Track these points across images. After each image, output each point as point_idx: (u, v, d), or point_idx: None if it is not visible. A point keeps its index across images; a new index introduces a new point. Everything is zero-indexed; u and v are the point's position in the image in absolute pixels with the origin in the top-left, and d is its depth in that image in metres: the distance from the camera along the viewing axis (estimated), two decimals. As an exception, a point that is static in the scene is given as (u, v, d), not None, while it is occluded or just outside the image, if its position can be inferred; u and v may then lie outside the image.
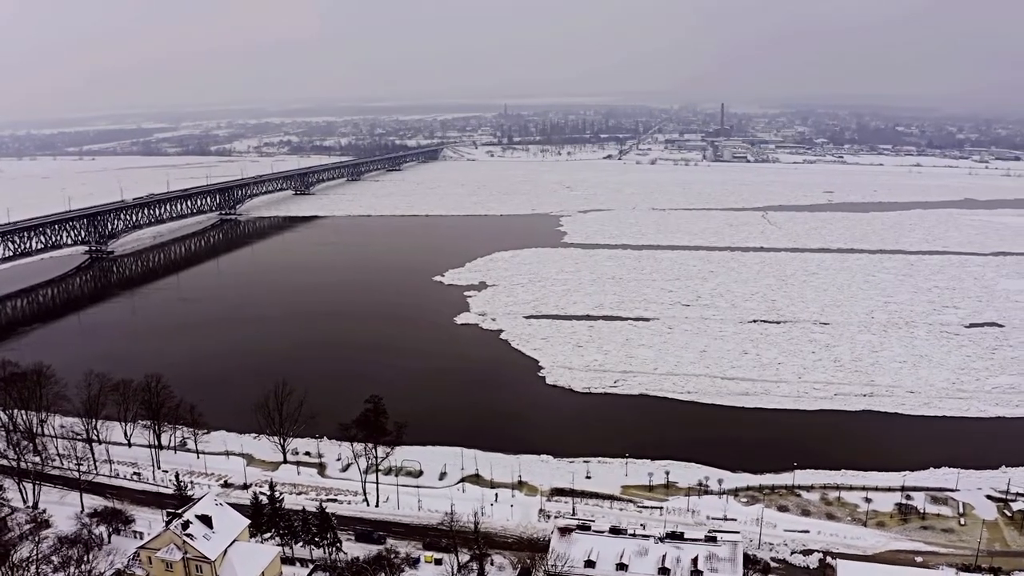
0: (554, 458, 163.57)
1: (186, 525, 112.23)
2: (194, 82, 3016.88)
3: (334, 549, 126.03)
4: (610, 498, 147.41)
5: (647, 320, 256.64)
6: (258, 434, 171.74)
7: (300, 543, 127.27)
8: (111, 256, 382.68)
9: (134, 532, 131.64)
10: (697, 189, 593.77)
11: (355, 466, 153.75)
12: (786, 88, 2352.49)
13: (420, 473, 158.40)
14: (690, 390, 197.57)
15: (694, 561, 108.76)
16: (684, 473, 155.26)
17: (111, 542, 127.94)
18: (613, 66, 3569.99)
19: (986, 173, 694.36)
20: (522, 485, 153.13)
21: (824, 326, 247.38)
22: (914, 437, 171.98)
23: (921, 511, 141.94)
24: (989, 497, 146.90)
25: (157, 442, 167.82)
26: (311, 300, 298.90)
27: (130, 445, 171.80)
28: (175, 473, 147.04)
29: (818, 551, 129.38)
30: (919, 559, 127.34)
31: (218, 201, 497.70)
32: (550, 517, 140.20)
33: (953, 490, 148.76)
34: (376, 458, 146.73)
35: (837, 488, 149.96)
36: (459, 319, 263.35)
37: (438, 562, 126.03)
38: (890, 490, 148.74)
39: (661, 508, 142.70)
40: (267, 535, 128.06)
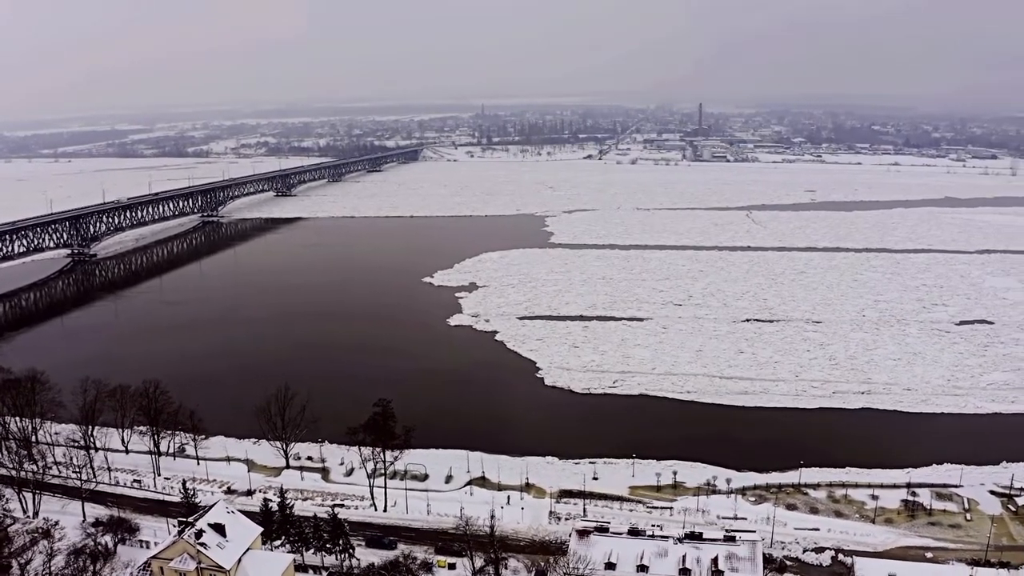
0: (559, 459, 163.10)
1: (199, 534, 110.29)
2: (167, 84, 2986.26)
3: (346, 556, 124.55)
4: (619, 499, 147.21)
5: (641, 320, 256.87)
6: (258, 439, 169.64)
7: (311, 550, 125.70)
8: (94, 259, 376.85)
9: (140, 542, 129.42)
10: (680, 189, 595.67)
11: (359, 470, 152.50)
12: (760, 88, 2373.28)
13: (426, 476, 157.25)
14: (689, 390, 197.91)
15: (714, 561, 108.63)
16: (691, 473, 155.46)
17: (117, 552, 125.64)
18: (588, 67, 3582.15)
19: (964, 172, 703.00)
20: (529, 487, 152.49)
21: (817, 324, 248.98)
22: (915, 434, 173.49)
23: (927, 507, 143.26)
24: (992, 492, 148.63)
25: (156, 448, 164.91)
26: (300, 302, 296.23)
27: (127, 452, 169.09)
28: (182, 480, 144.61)
29: (830, 549, 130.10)
30: (929, 555, 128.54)
31: (200, 203, 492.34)
32: (560, 519, 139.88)
33: (957, 486, 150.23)
34: (385, 462, 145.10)
35: (843, 486, 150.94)
36: (452, 321, 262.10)
37: (452, 567, 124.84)
38: (895, 487, 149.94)
39: (671, 508, 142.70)
40: (277, 542, 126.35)
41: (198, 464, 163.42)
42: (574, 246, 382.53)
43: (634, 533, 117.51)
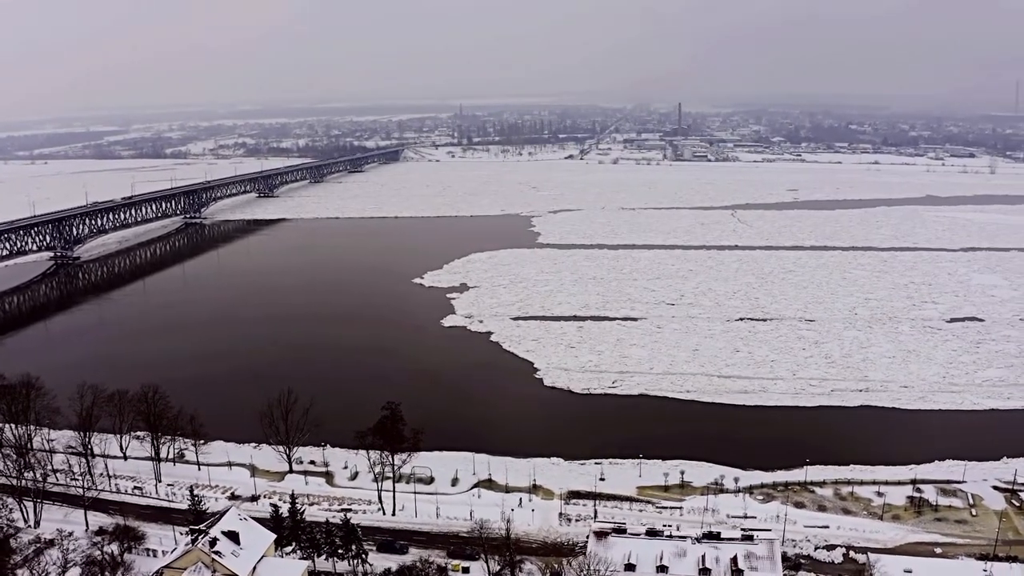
0: (565, 460, 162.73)
1: (213, 542, 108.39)
2: (141, 85, 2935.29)
3: (359, 561, 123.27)
4: (628, 500, 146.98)
5: (635, 320, 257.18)
6: (259, 443, 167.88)
7: (323, 556, 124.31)
8: (77, 262, 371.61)
9: (147, 550, 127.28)
10: (663, 188, 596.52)
11: (364, 474, 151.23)
12: (737, 88, 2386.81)
13: (431, 479, 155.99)
14: (689, 389, 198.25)
15: (733, 560, 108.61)
16: (698, 472, 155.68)
17: (124, 562, 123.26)
18: (564, 67, 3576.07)
19: (943, 170, 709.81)
20: (537, 489, 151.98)
21: (810, 323, 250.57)
22: (915, 431, 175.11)
23: (933, 503, 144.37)
24: (996, 488, 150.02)
25: (156, 454, 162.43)
26: (291, 303, 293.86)
27: (126, 458, 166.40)
28: (188, 487, 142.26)
29: (840, 546, 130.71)
30: (939, 550, 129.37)
31: (183, 205, 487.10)
32: (571, 521, 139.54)
33: (960, 482, 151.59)
34: (393, 466, 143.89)
35: (849, 483, 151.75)
36: (446, 322, 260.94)
37: (466, 571, 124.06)
38: (900, 484, 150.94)
39: (680, 508, 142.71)
40: (288, 548, 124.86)
41: (199, 469, 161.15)
42: (562, 246, 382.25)
43: (652, 534, 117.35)
